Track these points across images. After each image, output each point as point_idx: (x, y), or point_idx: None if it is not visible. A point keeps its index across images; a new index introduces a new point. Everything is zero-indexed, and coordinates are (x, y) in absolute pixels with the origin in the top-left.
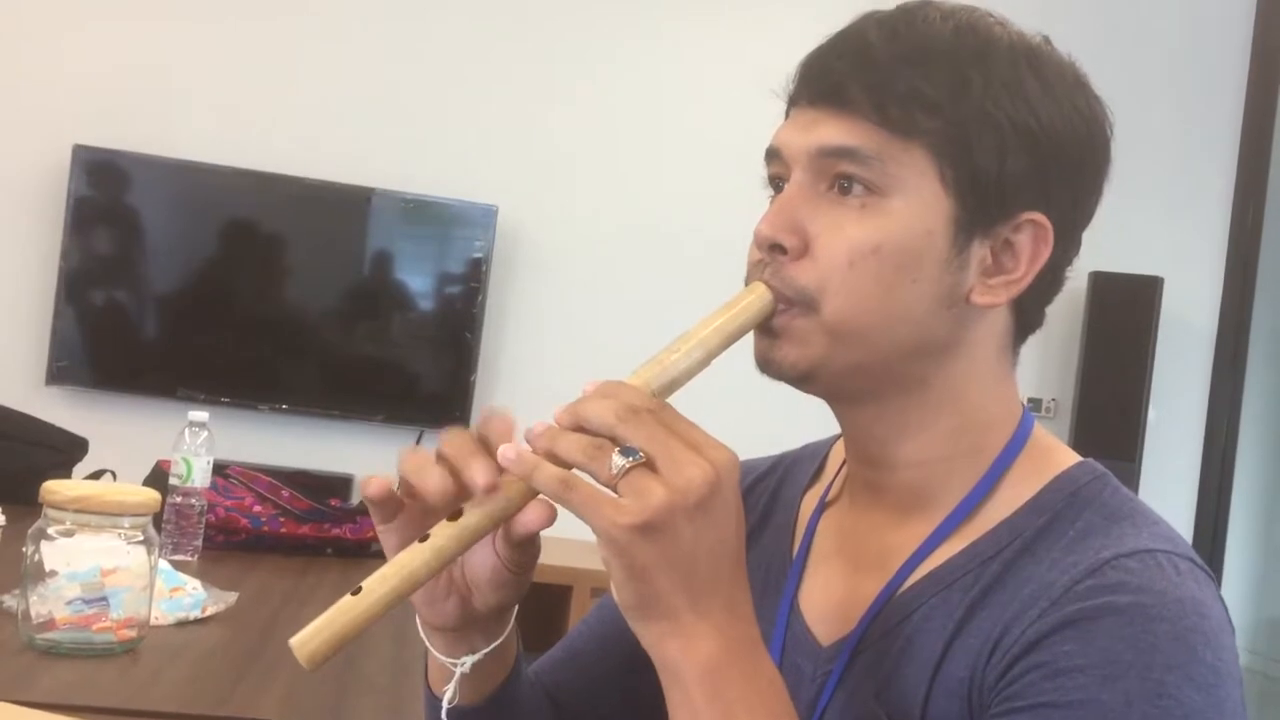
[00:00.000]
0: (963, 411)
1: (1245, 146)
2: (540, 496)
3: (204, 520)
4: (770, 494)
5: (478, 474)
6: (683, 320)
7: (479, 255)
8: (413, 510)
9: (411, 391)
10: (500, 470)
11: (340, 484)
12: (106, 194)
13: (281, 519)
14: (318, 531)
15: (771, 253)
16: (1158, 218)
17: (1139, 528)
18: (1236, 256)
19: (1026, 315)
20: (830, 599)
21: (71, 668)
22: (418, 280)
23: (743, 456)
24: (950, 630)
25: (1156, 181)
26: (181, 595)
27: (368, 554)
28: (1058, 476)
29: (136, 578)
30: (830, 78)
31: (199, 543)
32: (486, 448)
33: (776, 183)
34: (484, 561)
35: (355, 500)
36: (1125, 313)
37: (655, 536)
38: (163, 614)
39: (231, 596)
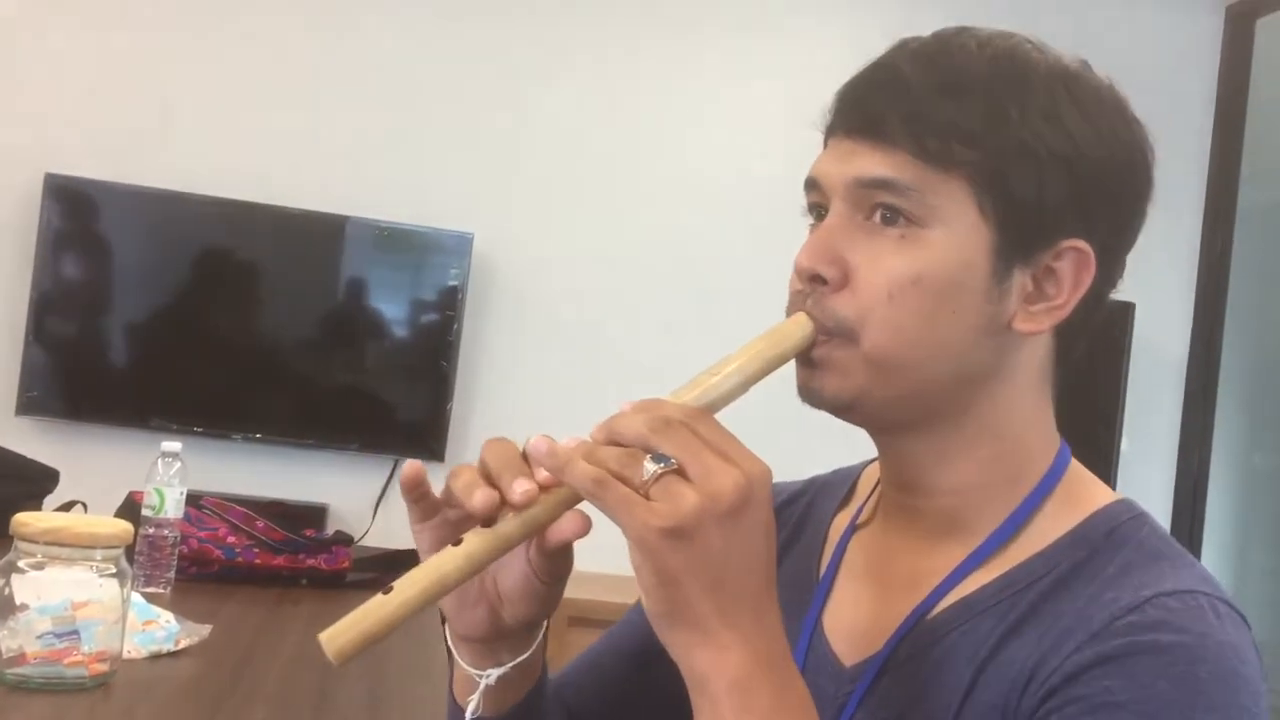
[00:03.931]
0: (1002, 439)
1: (1214, 173)
2: (575, 508)
3: (177, 552)
4: (800, 515)
5: (516, 487)
6: (658, 346)
7: (454, 283)
8: (451, 512)
9: (387, 420)
10: (538, 485)
11: (315, 514)
12: (78, 223)
13: (256, 550)
14: (292, 562)
15: (812, 283)
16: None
17: (1178, 568)
18: (1205, 284)
19: (1068, 341)
20: (857, 619)
21: (43, 703)
22: (393, 308)
23: (778, 477)
24: (982, 657)
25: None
26: (154, 628)
27: (342, 584)
28: (1096, 512)
29: (108, 611)
30: (867, 110)
31: (172, 575)
32: (528, 462)
33: (817, 211)
34: (516, 570)
35: (330, 530)
36: (1098, 338)
37: (686, 542)
38: (135, 647)
39: (205, 629)
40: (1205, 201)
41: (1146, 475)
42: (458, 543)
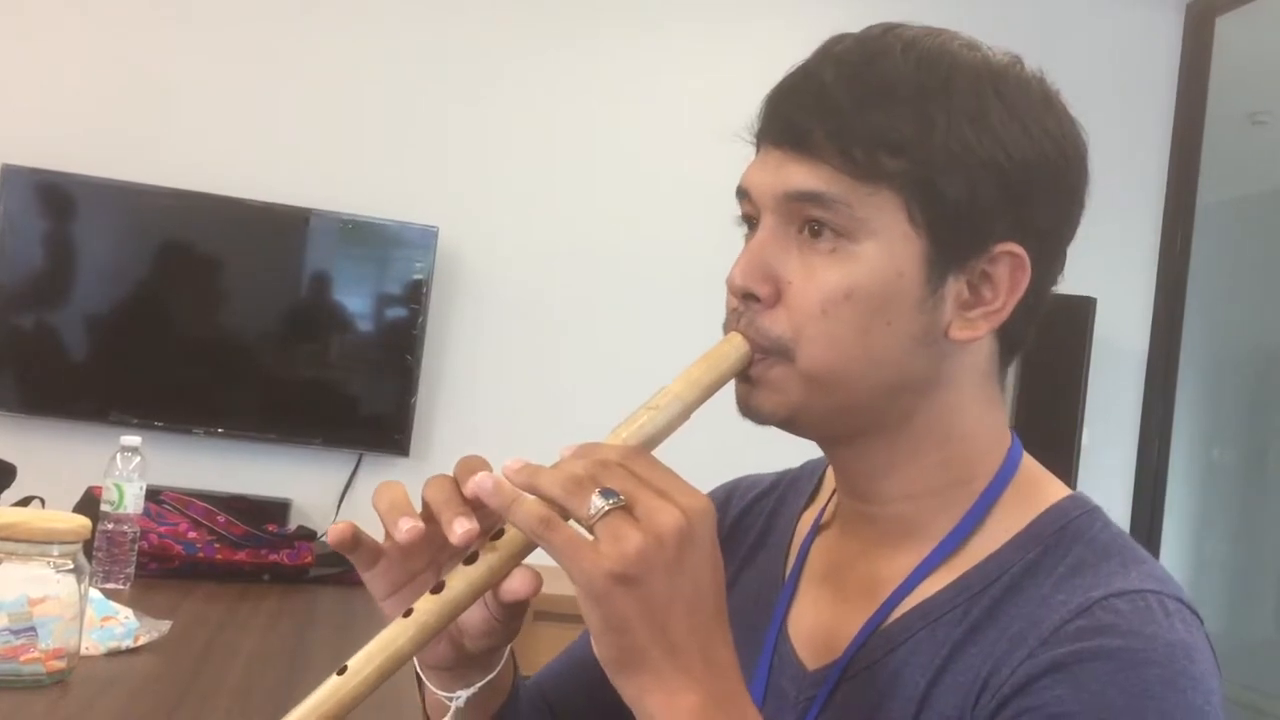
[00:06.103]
0: (950, 443)
1: (1174, 169)
2: (525, 564)
3: (136, 547)
4: (769, 513)
5: (457, 528)
6: (623, 340)
7: (419, 277)
8: (394, 553)
9: (350, 414)
10: (478, 527)
11: (277, 509)
12: (37, 214)
13: (217, 545)
14: (254, 557)
15: (745, 301)
16: (1090, 238)
17: (1128, 565)
18: (1166, 280)
19: (1012, 339)
20: (818, 624)
21: None
22: (357, 302)
23: (754, 468)
24: (937, 666)
25: (1089, 200)
26: (113, 624)
27: (305, 579)
28: (1047, 510)
29: (66, 607)
30: (793, 122)
31: (131, 570)
32: (465, 499)
33: (749, 220)
34: (474, 613)
35: (293, 525)
36: (1060, 333)
37: (632, 586)
38: (93, 644)
39: (165, 625)
40: (1166, 198)
41: (1107, 469)
42: (408, 613)
